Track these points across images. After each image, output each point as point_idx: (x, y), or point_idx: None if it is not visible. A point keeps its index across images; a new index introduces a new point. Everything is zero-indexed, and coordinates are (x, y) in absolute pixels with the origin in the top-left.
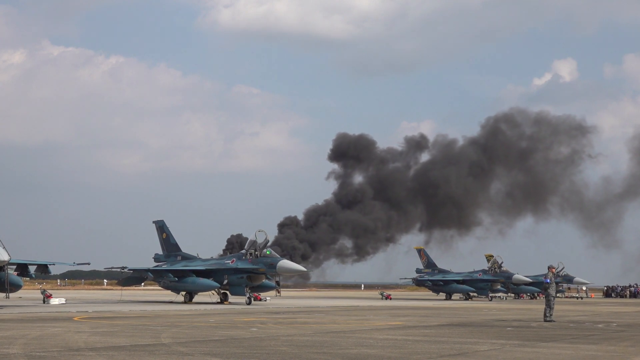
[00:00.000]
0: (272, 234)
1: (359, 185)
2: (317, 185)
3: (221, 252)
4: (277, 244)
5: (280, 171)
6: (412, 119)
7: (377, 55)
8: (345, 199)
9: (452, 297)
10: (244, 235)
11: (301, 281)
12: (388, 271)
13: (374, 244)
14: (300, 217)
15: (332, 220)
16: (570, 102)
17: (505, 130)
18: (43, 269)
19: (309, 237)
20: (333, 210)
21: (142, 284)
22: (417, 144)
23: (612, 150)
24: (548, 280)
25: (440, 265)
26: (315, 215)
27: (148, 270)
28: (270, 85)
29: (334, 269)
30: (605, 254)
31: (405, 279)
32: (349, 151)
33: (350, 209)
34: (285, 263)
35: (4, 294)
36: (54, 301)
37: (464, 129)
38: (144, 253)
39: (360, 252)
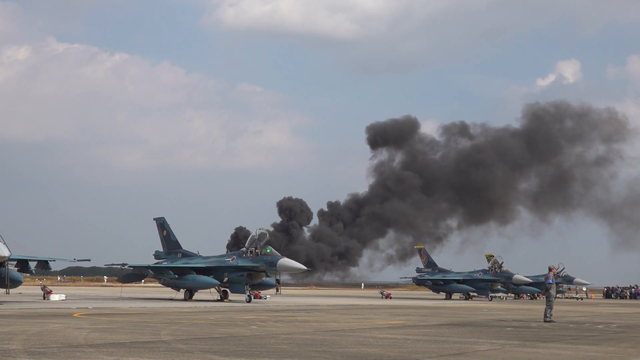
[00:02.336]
0: (279, 231)
1: (402, 174)
2: (318, 184)
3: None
4: (320, 238)
5: (282, 170)
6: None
7: (380, 55)
8: (388, 187)
9: (452, 297)
10: (248, 228)
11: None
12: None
13: (423, 241)
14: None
15: (381, 212)
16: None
17: (548, 122)
18: (43, 265)
19: (354, 233)
20: (377, 199)
21: (143, 281)
22: (457, 133)
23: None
24: (550, 281)
25: (462, 265)
26: (357, 207)
27: (148, 267)
28: (273, 83)
29: (383, 269)
30: (628, 254)
31: (405, 278)
32: (391, 135)
33: (396, 199)
34: (286, 261)
35: (4, 290)
36: (54, 297)
37: None
38: (145, 250)
39: (412, 252)
